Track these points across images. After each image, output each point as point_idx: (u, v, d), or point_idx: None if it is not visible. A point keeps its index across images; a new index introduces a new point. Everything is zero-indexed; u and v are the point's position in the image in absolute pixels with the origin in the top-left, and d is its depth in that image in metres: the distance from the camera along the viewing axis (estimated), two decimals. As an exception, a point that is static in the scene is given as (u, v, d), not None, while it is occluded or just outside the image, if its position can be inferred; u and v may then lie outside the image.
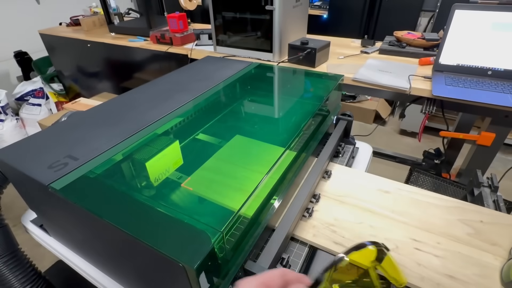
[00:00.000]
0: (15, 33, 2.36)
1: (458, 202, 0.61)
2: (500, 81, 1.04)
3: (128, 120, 0.62)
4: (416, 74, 1.14)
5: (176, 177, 0.50)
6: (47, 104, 2.37)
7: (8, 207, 1.53)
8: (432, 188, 1.21)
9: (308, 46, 1.20)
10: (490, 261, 0.50)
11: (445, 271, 0.48)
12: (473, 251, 0.51)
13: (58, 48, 2.14)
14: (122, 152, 0.53)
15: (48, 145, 0.54)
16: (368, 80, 1.11)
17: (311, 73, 1.11)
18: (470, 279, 0.47)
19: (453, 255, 0.51)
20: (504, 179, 1.11)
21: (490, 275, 0.47)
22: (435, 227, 0.56)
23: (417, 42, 1.33)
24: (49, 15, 2.46)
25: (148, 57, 1.69)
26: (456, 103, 1.01)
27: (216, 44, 1.44)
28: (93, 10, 2.25)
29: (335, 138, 0.74)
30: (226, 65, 0.92)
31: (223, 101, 0.79)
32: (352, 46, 1.50)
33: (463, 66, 1.11)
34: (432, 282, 0.46)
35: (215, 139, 0.63)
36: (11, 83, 2.44)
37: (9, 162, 0.50)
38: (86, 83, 2.23)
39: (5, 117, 2.14)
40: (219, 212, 0.45)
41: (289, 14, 1.27)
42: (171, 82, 0.82)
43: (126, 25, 1.89)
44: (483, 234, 0.54)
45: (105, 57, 1.92)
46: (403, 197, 0.63)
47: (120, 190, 0.47)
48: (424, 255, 0.51)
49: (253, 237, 0.45)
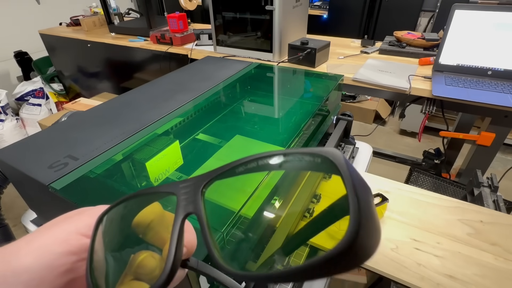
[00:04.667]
0: (15, 33, 2.36)
1: (458, 202, 0.62)
2: (500, 81, 1.04)
3: (128, 120, 0.62)
4: (416, 74, 1.14)
5: (176, 177, 0.50)
6: (47, 104, 2.37)
7: (8, 207, 1.53)
8: (432, 188, 1.21)
9: (308, 46, 1.20)
10: (490, 261, 0.50)
11: (445, 271, 0.48)
12: (473, 251, 0.51)
13: (58, 48, 2.14)
14: (122, 152, 0.53)
15: (48, 145, 0.54)
16: (368, 80, 1.11)
17: (311, 73, 1.11)
18: (470, 279, 0.47)
19: (453, 255, 0.51)
20: (504, 179, 1.11)
21: (490, 275, 0.47)
22: (435, 227, 0.56)
23: (417, 42, 1.33)
24: (49, 15, 2.46)
25: (148, 57, 1.69)
26: (456, 103, 1.01)
27: (216, 44, 1.44)
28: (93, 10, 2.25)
29: (335, 138, 0.74)
30: (226, 65, 0.92)
31: (223, 101, 0.79)
32: (352, 46, 1.50)
33: (463, 66, 1.11)
34: (432, 282, 0.47)
35: (215, 139, 0.63)
36: (11, 83, 2.44)
37: (9, 162, 0.50)
38: (86, 83, 2.23)
39: (5, 117, 2.14)
40: (220, 212, 0.45)
41: (289, 14, 1.28)
42: (171, 82, 0.82)
43: (126, 25, 1.89)
44: (483, 234, 0.54)
45: (105, 57, 1.92)
46: (403, 197, 0.63)
47: (120, 190, 0.47)
48: (424, 255, 0.51)
49: (254, 237, 0.45)
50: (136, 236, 0.20)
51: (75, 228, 0.19)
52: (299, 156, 0.16)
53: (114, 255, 0.20)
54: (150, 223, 0.20)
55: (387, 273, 0.49)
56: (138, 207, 0.20)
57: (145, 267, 0.19)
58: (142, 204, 0.20)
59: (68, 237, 0.19)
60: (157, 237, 0.20)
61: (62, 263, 0.18)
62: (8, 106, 2.19)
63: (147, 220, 0.20)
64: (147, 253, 0.19)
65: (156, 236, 0.20)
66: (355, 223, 0.12)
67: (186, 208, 0.17)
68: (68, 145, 0.54)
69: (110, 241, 0.20)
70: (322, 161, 0.15)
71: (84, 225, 0.19)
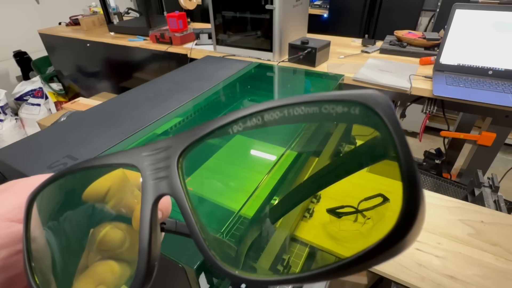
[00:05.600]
0: (15, 33, 2.35)
1: (459, 202, 0.61)
2: (501, 81, 1.04)
3: (127, 120, 0.62)
4: (416, 73, 1.13)
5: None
6: (46, 104, 2.36)
7: (7, 207, 1.52)
8: (433, 188, 1.20)
9: (308, 46, 1.20)
10: (491, 262, 0.49)
11: (445, 272, 0.48)
12: (473, 251, 0.51)
13: (57, 48, 2.14)
14: (121, 152, 0.53)
15: (48, 145, 0.54)
16: (368, 80, 1.11)
17: (311, 72, 1.11)
18: (471, 280, 0.47)
19: (453, 256, 0.51)
20: (505, 179, 1.11)
21: (491, 275, 0.47)
22: (435, 227, 0.56)
23: (417, 41, 1.33)
24: (49, 14, 2.46)
25: (148, 57, 1.69)
26: (457, 103, 1.01)
27: (216, 43, 1.44)
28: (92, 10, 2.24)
29: (336, 138, 0.74)
30: (226, 65, 0.92)
31: (223, 100, 0.79)
32: (353, 45, 1.50)
33: (464, 66, 1.11)
34: (433, 283, 0.46)
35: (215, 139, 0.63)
36: (11, 83, 2.44)
37: (8, 162, 0.50)
38: (86, 83, 2.22)
39: (4, 117, 2.13)
40: (219, 212, 0.45)
41: (289, 13, 1.27)
42: (170, 81, 0.81)
43: (125, 25, 1.89)
44: (484, 234, 0.54)
45: (105, 56, 1.91)
46: (403, 197, 0.63)
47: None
48: (425, 255, 0.51)
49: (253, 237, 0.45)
50: (89, 210, 0.16)
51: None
52: (322, 106, 0.11)
53: (62, 240, 0.16)
54: (109, 190, 0.16)
55: (387, 274, 0.48)
56: (86, 181, 0.16)
57: (110, 242, 0.15)
58: (91, 177, 0.16)
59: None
60: (121, 204, 0.16)
61: None
62: (7, 106, 2.18)
63: (103, 188, 0.16)
64: (109, 226, 0.16)
65: (119, 204, 0.16)
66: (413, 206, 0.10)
67: (158, 188, 0.13)
68: (67, 145, 0.53)
69: (54, 223, 0.16)
70: (361, 113, 0.11)
71: (10, 207, 0.15)
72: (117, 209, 0.16)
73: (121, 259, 0.16)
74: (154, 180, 0.13)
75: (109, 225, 0.16)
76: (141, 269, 0.12)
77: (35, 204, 0.15)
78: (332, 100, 0.11)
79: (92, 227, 0.16)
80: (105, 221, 0.16)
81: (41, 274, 0.14)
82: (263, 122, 0.13)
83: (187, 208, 0.12)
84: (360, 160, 0.16)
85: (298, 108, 0.12)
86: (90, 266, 0.15)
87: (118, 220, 0.16)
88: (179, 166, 0.13)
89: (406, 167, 0.10)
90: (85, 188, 0.16)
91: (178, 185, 0.12)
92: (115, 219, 0.16)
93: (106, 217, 0.16)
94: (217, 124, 0.13)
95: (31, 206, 0.15)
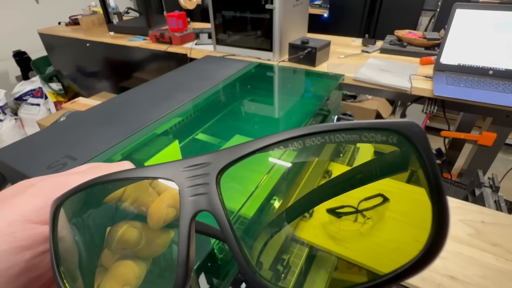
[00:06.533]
0: (14, 33, 2.35)
1: (459, 202, 0.61)
2: (502, 81, 1.04)
3: (127, 120, 0.62)
4: (417, 73, 1.13)
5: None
6: (46, 104, 2.36)
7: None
8: (433, 188, 1.20)
9: (309, 45, 1.20)
10: (491, 262, 0.49)
11: (446, 272, 0.48)
12: (474, 251, 0.51)
13: (57, 48, 2.13)
14: (121, 152, 0.52)
15: (47, 145, 0.54)
16: (369, 80, 1.11)
17: (311, 72, 1.10)
18: (471, 280, 0.46)
19: (454, 256, 0.50)
20: (505, 179, 1.11)
21: (491, 275, 0.47)
22: (436, 227, 0.56)
23: (418, 41, 1.33)
24: (48, 14, 2.46)
25: (148, 57, 1.69)
26: (457, 103, 1.01)
27: (216, 43, 1.44)
28: (92, 10, 2.24)
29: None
30: (226, 65, 0.92)
31: (223, 100, 0.79)
32: (353, 45, 1.50)
33: (464, 66, 1.11)
34: (433, 283, 0.46)
35: (214, 139, 0.63)
36: (10, 82, 2.44)
37: (8, 162, 0.50)
38: (85, 82, 2.22)
39: (4, 117, 2.13)
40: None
41: (289, 13, 1.27)
42: (170, 81, 0.81)
43: (125, 24, 1.89)
44: (484, 234, 0.54)
45: (104, 56, 1.91)
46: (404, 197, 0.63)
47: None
48: (425, 255, 0.51)
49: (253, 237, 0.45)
50: (109, 210, 0.17)
51: (18, 214, 0.14)
52: (362, 134, 0.12)
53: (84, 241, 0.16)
54: (125, 190, 0.16)
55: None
56: (115, 189, 0.16)
57: (128, 241, 0.16)
58: (120, 187, 0.16)
59: (11, 228, 0.14)
60: (137, 203, 0.16)
61: (10, 265, 0.13)
62: (7, 106, 2.18)
63: (121, 189, 0.16)
64: (126, 224, 0.16)
65: (135, 203, 0.16)
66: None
67: (197, 204, 0.13)
68: (66, 145, 0.53)
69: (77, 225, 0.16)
70: (398, 141, 0.11)
71: (30, 208, 0.15)
72: (133, 208, 0.16)
73: (137, 257, 0.16)
74: (192, 196, 0.13)
75: (126, 224, 0.16)
76: (180, 278, 0.13)
77: (62, 210, 0.15)
78: (373, 128, 0.12)
79: (110, 226, 0.16)
80: (121, 220, 0.16)
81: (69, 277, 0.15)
82: (304, 146, 0.13)
83: (227, 225, 0.13)
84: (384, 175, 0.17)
85: (339, 135, 0.13)
86: (107, 266, 0.16)
87: (134, 218, 0.16)
88: (217, 183, 0.13)
89: (437, 196, 0.11)
90: (110, 194, 0.16)
91: (218, 202, 0.13)
92: (131, 217, 0.16)
93: (122, 216, 0.16)
94: (259, 145, 0.13)
95: (57, 211, 0.15)
